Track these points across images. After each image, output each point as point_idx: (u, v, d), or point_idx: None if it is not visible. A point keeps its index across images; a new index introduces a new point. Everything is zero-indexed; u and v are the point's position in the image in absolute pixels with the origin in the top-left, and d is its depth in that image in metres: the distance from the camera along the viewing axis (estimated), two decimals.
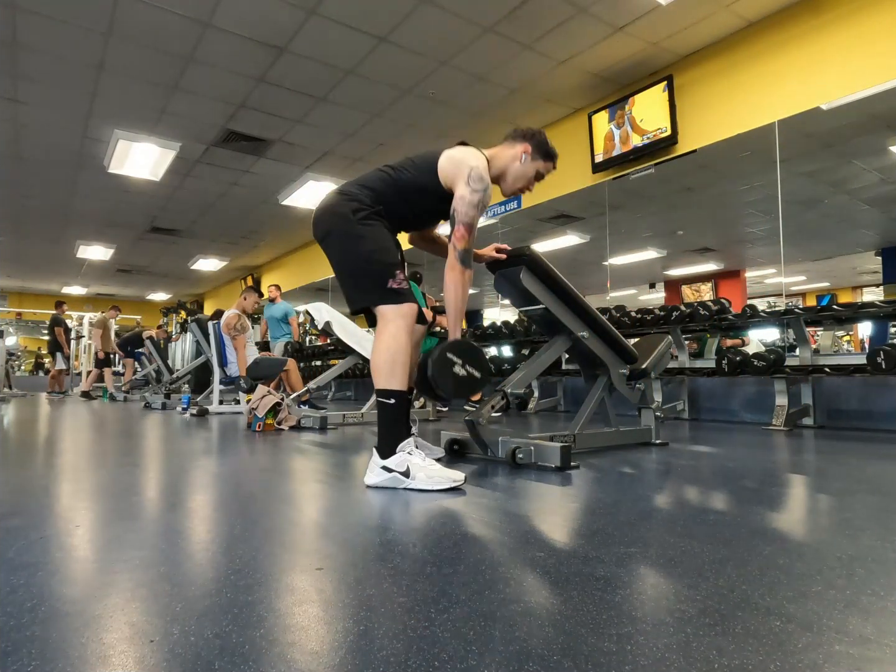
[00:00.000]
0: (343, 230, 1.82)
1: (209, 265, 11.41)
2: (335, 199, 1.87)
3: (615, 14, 3.94)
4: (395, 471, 1.65)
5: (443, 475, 1.65)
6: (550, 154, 2.08)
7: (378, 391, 1.72)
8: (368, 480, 1.70)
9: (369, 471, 1.71)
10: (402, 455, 1.67)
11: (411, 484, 1.64)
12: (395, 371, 1.71)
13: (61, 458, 2.40)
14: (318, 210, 1.92)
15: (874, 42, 3.49)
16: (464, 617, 0.77)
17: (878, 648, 0.68)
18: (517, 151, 2.02)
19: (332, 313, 3.98)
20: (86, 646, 0.69)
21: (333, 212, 1.85)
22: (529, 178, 2.07)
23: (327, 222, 1.87)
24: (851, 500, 1.50)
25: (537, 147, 2.04)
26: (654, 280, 6.75)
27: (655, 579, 0.92)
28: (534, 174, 2.07)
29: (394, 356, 1.71)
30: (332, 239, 1.86)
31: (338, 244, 1.85)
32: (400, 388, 1.71)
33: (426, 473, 1.65)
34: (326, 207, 1.89)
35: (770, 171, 4.06)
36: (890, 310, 3.21)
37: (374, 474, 1.69)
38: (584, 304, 2.31)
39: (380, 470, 1.67)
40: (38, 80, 4.70)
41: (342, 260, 1.86)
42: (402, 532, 1.22)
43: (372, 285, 1.79)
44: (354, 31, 4.11)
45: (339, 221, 1.83)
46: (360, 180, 1.92)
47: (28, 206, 8.06)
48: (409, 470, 1.65)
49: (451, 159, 1.88)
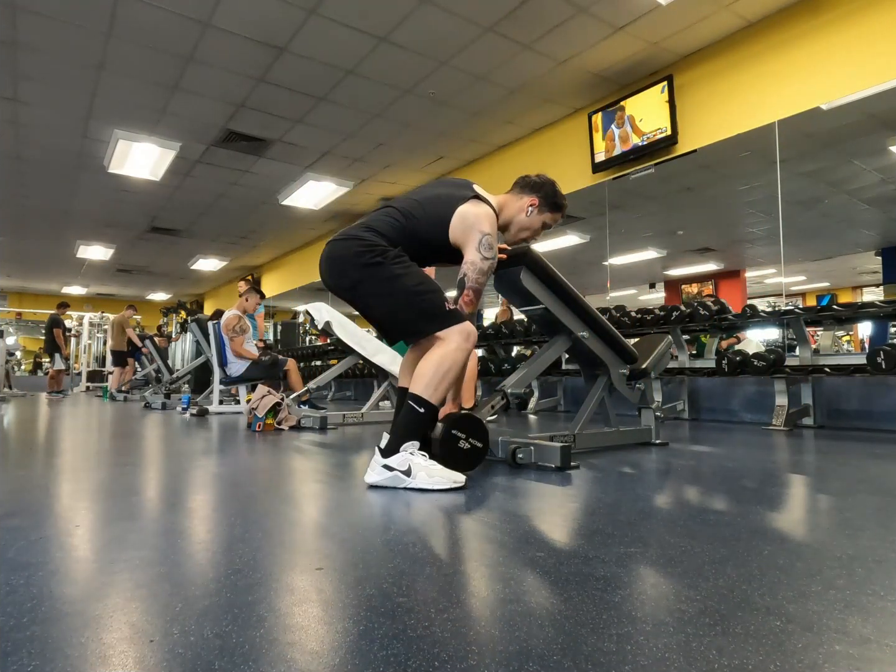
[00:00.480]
0: (377, 276, 1.81)
1: (209, 265, 11.41)
2: (352, 248, 1.84)
3: (615, 14, 3.94)
4: (396, 469, 1.66)
5: (444, 475, 1.65)
6: (558, 206, 2.08)
7: (413, 395, 1.72)
8: (369, 479, 1.70)
9: (370, 469, 1.71)
10: (405, 454, 1.67)
11: (412, 483, 1.64)
12: (440, 385, 1.73)
13: (61, 457, 2.40)
14: (333, 260, 1.89)
15: (874, 42, 3.49)
16: (464, 617, 0.77)
17: (878, 648, 0.68)
18: (524, 204, 2.04)
19: (332, 313, 3.98)
20: (86, 646, 0.69)
21: (357, 263, 1.82)
22: (535, 230, 2.08)
23: (353, 272, 1.84)
24: (851, 500, 1.50)
25: (545, 199, 2.05)
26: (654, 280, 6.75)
27: (655, 579, 0.92)
28: (540, 226, 2.08)
29: (447, 371, 1.73)
30: (366, 287, 1.84)
31: (376, 289, 1.83)
32: (436, 404, 1.73)
33: (427, 473, 1.65)
34: (345, 257, 1.85)
35: (770, 171, 4.06)
36: (890, 310, 3.21)
37: (374, 472, 1.69)
38: (584, 304, 2.31)
39: (381, 468, 1.67)
40: (38, 80, 4.70)
41: (387, 304, 1.84)
42: (402, 532, 1.22)
43: (430, 316, 1.81)
44: (354, 31, 4.10)
45: (369, 269, 1.81)
46: (370, 225, 1.89)
47: (28, 206, 8.05)
48: (410, 469, 1.65)
49: (465, 221, 1.86)
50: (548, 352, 2.35)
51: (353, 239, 1.86)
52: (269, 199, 7.65)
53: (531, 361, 2.35)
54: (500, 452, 2.12)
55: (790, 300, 4.22)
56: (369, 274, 1.81)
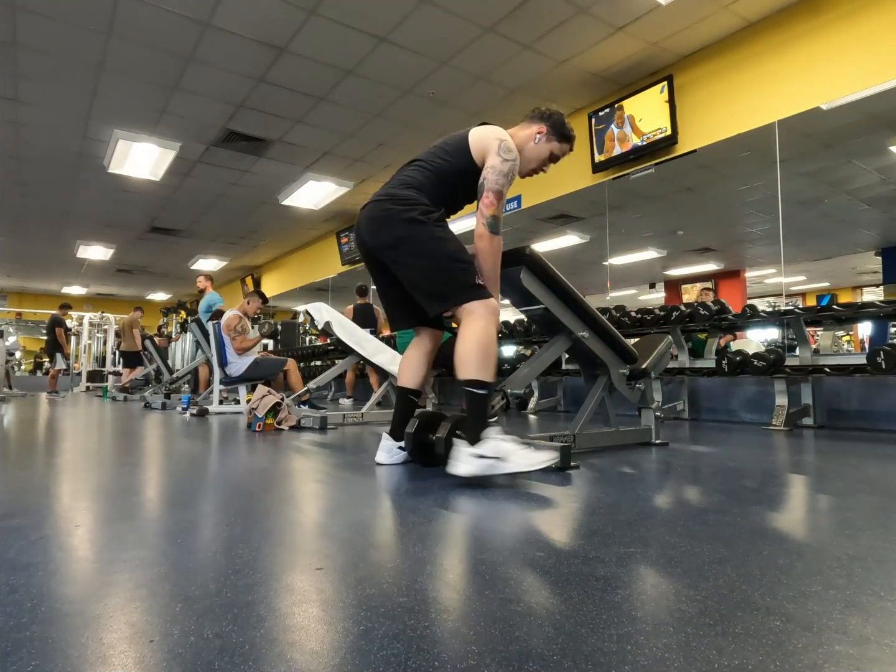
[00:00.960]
0: (420, 236, 1.83)
1: (209, 265, 11.42)
2: (395, 206, 1.85)
3: (615, 14, 3.94)
4: (490, 457, 1.66)
5: (538, 457, 1.69)
6: (567, 136, 2.08)
7: (469, 381, 1.74)
8: (459, 470, 1.67)
9: (456, 460, 1.69)
10: (494, 441, 1.68)
11: (509, 468, 1.66)
12: (487, 363, 1.75)
13: (61, 457, 2.40)
14: (375, 219, 1.89)
15: (874, 42, 3.49)
16: (464, 617, 0.77)
17: (878, 648, 0.68)
18: (532, 132, 2.05)
19: (332, 313, 3.98)
20: (86, 646, 0.69)
21: (403, 218, 1.83)
22: (543, 159, 2.08)
23: (397, 230, 1.85)
24: (851, 500, 1.50)
25: (553, 128, 2.05)
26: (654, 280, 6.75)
27: (655, 579, 0.92)
28: (548, 155, 2.08)
29: (487, 349, 1.76)
30: (408, 246, 1.84)
31: (416, 250, 1.83)
32: (491, 381, 1.76)
33: (524, 455, 1.68)
34: (390, 213, 1.86)
35: (770, 171, 4.06)
36: (890, 310, 3.21)
37: (464, 463, 1.67)
38: (584, 304, 2.31)
39: (471, 458, 1.66)
40: (38, 80, 4.70)
41: (424, 265, 1.84)
42: (401, 532, 1.22)
43: (460, 285, 1.81)
44: (354, 31, 4.11)
45: (412, 228, 1.83)
46: (408, 181, 1.90)
47: (28, 206, 8.06)
48: (503, 455, 1.66)
49: (480, 135, 1.91)
50: (548, 352, 2.35)
51: (395, 198, 1.87)
52: (269, 199, 7.66)
53: (531, 361, 2.34)
54: None
55: (790, 300, 4.22)
56: (413, 231, 1.83)
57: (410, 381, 2.12)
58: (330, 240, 9.27)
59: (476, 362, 1.74)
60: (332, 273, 9.30)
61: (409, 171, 1.95)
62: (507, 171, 1.87)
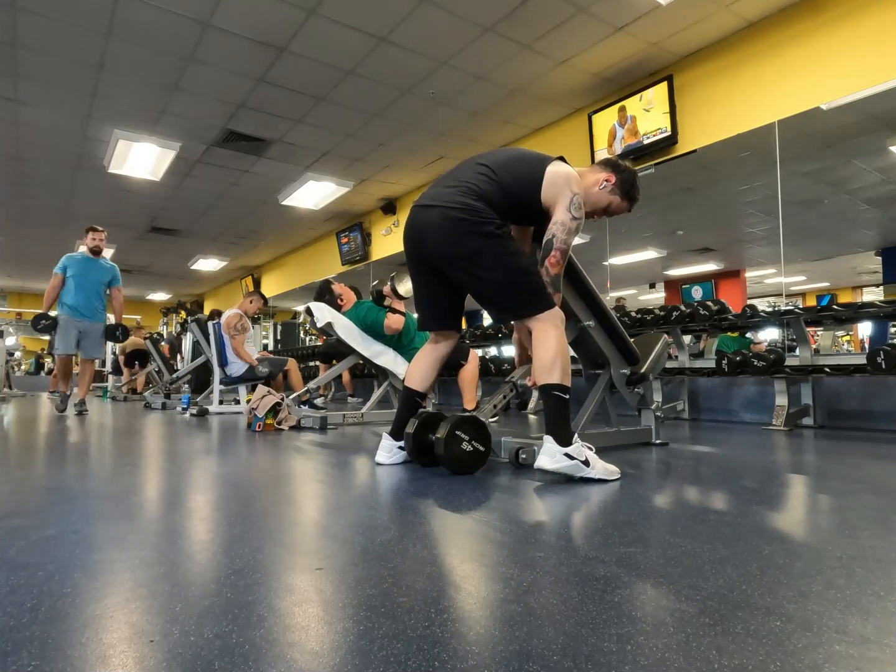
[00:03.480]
0: (497, 250, 1.86)
1: (209, 265, 11.41)
2: (470, 217, 1.85)
3: (615, 14, 3.94)
4: (577, 459, 1.75)
5: (612, 469, 1.80)
6: (630, 195, 2.06)
7: (553, 386, 1.84)
8: (547, 465, 1.76)
9: (544, 454, 1.77)
10: (580, 446, 1.78)
11: (590, 473, 1.75)
12: (567, 369, 1.87)
13: (61, 457, 2.40)
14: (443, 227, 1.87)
15: (874, 42, 3.49)
16: (464, 617, 0.77)
17: (878, 648, 0.68)
18: (600, 178, 2.02)
19: (333, 313, 3.98)
20: (86, 646, 0.69)
21: (479, 231, 1.85)
22: (600, 208, 2.05)
23: (472, 242, 1.86)
24: (851, 500, 1.50)
25: (621, 183, 2.03)
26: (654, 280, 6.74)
27: (655, 579, 0.92)
28: (606, 205, 2.05)
29: (565, 357, 1.86)
30: (484, 259, 1.86)
31: (492, 263, 1.87)
32: (568, 385, 1.87)
33: (603, 466, 1.78)
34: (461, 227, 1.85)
35: (770, 171, 4.06)
36: (890, 310, 3.21)
37: (553, 459, 1.76)
38: (594, 293, 2.32)
39: (561, 456, 1.75)
40: (38, 80, 4.70)
41: (499, 278, 1.88)
42: (402, 532, 1.22)
43: (537, 296, 1.88)
44: (354, 31, 4.10)
45: (489, 242, 1.86)
46: (472, 189, 1.88)
47: (28, 206, 8.05)
48: (588, 460, 1.76)
49: (556, 178, 1.89)
50: None
51: (468, 209, 1.86)
52: (269, 199, 7.65)
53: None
54: (502, 453, 2.12)
55: (790, 300, 4.22)
56: (489, 245, 1.86)
57: (419, 384, 2.13)
58: (330, 240, 9.27)
59: (560, 369, 1.84)
60: (332, 273, 9.30)
61: (474, 174, 1.91)
62: (574, 230, 1.90)
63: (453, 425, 1.86)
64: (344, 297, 4.16)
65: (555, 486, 1.72)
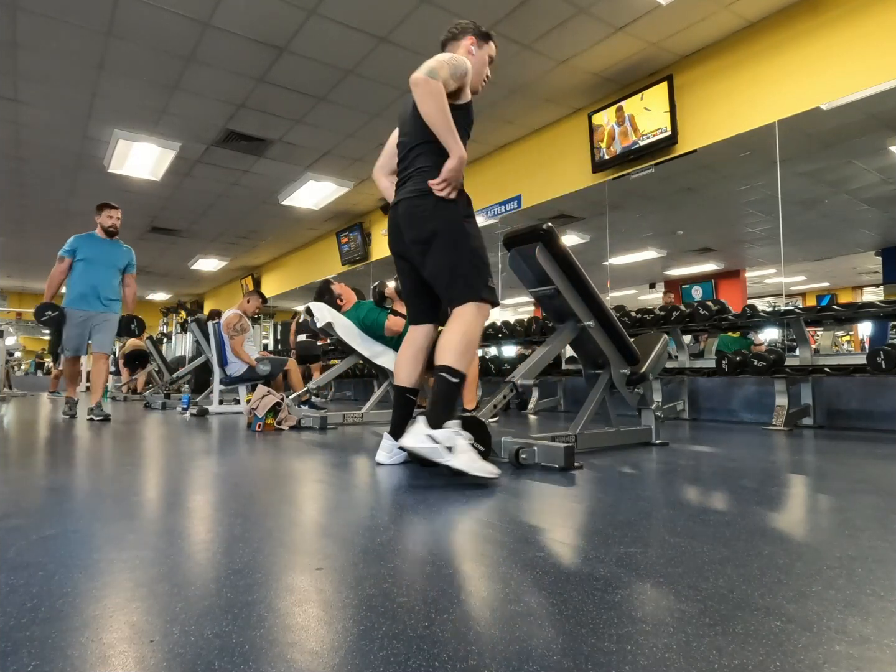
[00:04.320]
0: (453, 230, 1.89)
1: (209, 265, 11.42)
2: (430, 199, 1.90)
3: (615, 14, 3.94)
4: (441, 443, 1.66)
5: (483, 465, 1.68)
6: (488, 34, 2.16)
7: (445, 367, 1.77)
8: (406, 443, 1.70)
9: (409, 433, 1.71)
10: (451, 432, 1.69)
11: (451, 461, 1.65)
12: (467, 355, 1.80)
13: (61, 457, 2.40)
14: (410, 214, 1.95)
15: (874, 42, 3.49)
16: (464, 617, 0.77)
17: (878, 648, 0.67)
18: (466, 45, 2.10)
19: (333, 313, 3.98)
20: (86, 646, 0.69)
21: (440, 215, 1.89)
22: (484, 63, 2.14)
23: (433, 222, 1.90)
24: (852, 500, 1.50)
25: (476, 33, 2.12)
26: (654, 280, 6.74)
27: (655, 579, 0.92)
28: (487, 59, 2.15)
29: (471, 342, 1.82)
30: (442, 239, 1.90)
31: (449, 243, 1.89)
32: (464, 372, 1.79)
33: (469, 457, 1.67)
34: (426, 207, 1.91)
35: (770, 171, 4.06)
36: (890, 310, 3.21)
37: (414, 438, 1.69)
38: (594, 292, 2.31)
39: (424, 437, 1.67)
40: (38, 80, 4.70)
41: (453, 259, 1.90)
42: (402, 532, 1.22)
43: (479, 282, 1.88)
44: (354, 31, 4.11)
45: (447, 223, 1.90)
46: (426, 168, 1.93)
47: (28, 206, 8.05)
48: (454, 447, 1.67)
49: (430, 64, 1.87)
50: (556, 341, 2.35)
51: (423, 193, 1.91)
52: (269, 199, 7.66)
53: (538, 352, 2.34)
54: (502, 453, 2.11)
55: (790, 300, 4.22)
56: (446, 226, 1.89)
57: (406, 380, 2.13)
58: (330, 240, 9.27)
59: (458, 351, 1.78)
60: (332, 273, 9.30)
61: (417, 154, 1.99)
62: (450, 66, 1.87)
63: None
64: (344, 297, 4.16)
65: (554, 486, 1.72)
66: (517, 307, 8.51)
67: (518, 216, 6.10)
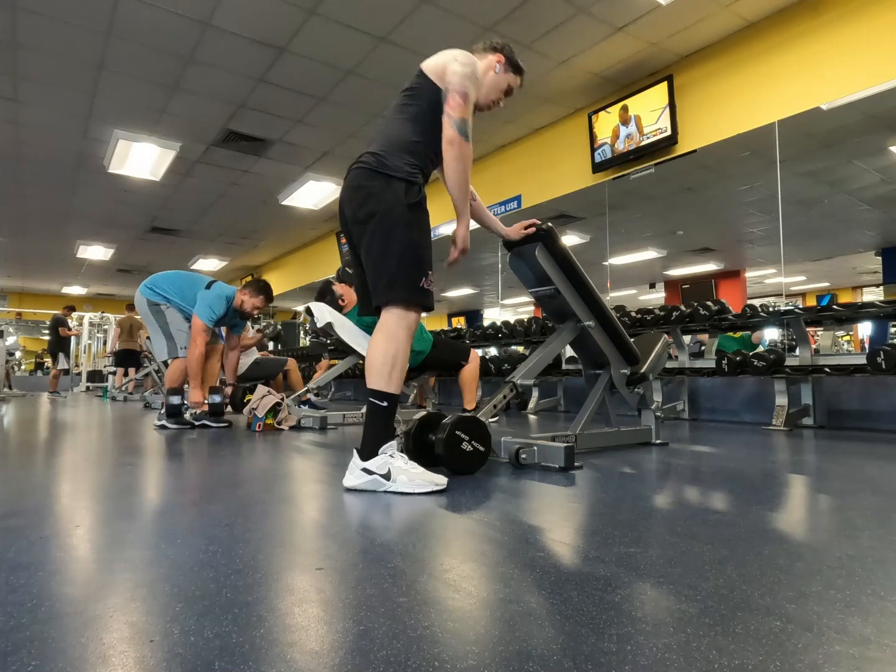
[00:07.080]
0: (392, 214, 1.69)
1: (209, 265, 11.42)
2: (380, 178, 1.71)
3: (615, 14, 3.94)
4: (376, 473, 1.61)
5: (424, 478, 1.61)
6: (520, 67, 2.00)
7: (372, 391, 1.66)
8: (347, 482, 1.65)
9: (349, 472, 1.66)
10: (384, 457, 1.63)
11: (391, 487, 1.60)
12: (393, 374, 1.66)
13: (61, 457, 2.40)
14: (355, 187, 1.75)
15: (874, 42, 3.49)
16: (464, 617, 0.77)
17: (878, 648, 0.68)
18: (491, 61, 1.93)
19: (333, 313, 3.98)
20: (86, 646, 0.69)
21: (382, 196, 1.70)
22: (501, 90, 1.98)
23: (373, 203, 1.70)
24: (851, 500, 1.50)
25: (508, 60, 1.96)
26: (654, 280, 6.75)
27: (655, 579, 0.92)
28: (505, 86, 1.98)
29: (396, 357, 1.66)
30: (375, 224, 1.70)
31: (381, 231, 1.69)
32: (395, 392, 1.67)
33: (408, 476, 1.60)
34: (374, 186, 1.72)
35: (770, 171, 4.06)
36: (890, 310, 3.21)
37: (353, 476, 1.64)
38: (594, 292, 2.31)
39: (360, 472, 1.63)
40: (38, 80, 4.70)
41: (383, 250, 1.69)
42: (402, 532, 1.22)
43: (405, 283, 1.68)
44: (354, 31, 4.11)
45: (387, 204, 1.69)
46: (391, 140, 1.76)
47: (28, 206, 8.05)
48: (389, 472, 1.61)
49: (435, 59, 1.80)
50: (556, 341, 2.35)
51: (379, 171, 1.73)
52: (269, 199, 7.66)
53: (538, 352, 2.33)
54: (502, 453, 2.11)
55: (790, 300, 4.22)
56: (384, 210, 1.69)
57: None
58: (330, 240, 9.27)
59: (382, 372, 1.65)
60: (332, 273, 9.30)
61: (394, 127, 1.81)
62: (469, 74, 1.75)
63: (453, 425, 1.86)
64: (345, 297, 4.16)
65: (554, 486, 1.72)
66: (517, 307, 8.51)
67: (518, 216, 6.10)
